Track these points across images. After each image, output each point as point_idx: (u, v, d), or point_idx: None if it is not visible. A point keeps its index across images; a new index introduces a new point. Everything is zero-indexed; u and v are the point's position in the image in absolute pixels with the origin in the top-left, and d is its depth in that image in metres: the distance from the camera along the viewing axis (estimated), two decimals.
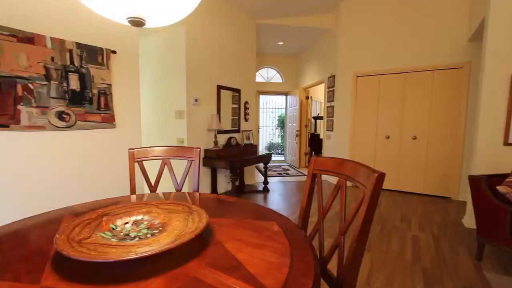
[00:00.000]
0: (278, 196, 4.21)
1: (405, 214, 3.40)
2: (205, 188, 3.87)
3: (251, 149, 4.38)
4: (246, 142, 4.45)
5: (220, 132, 4.00)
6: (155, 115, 3.85)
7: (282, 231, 0.94)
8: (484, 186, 2.11)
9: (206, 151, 3.78)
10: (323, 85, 5.57)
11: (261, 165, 4.47)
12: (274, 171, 6.27)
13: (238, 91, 4.42)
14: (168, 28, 3.43)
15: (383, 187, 4.50)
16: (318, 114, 7.88)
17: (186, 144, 3.54)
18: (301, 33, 5.34)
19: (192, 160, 1.68)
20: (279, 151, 9.29)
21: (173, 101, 3.59)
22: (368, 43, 4.47)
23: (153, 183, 1.65)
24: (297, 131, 6.63)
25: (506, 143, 2.71)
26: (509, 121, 2.68)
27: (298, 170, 6.39)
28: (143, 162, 1.68)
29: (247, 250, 0.79)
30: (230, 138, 4.09)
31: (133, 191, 1.63)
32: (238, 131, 4.51)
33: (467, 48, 3.76)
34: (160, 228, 0.89)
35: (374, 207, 0.85)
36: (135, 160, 1.65)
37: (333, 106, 4.98)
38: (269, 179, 5.32)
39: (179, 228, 0.86)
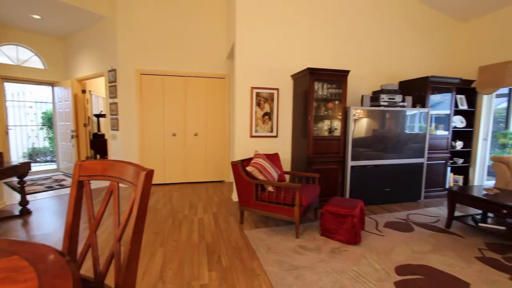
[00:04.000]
0: (47, 217, 3.26)
1: (192, 202, 3.84)
2: None
3: None
4: None
5: None
6: None
7: (29, 264, 0.72)
8: (239, 168, 2.84)
9: None
10: (103, 78, 4.94)
11: (15, 179, 3.22)
12: (42, 184, 4.78)
13: None
14: None
15: (174, 181, 4.85)
16: (101, 111, 6.93)
17: None
18: (67, 12, 4.37)
19: None
20: (49, 158, 7.20)
21: None
22: (151, 43, 4.51)
23: None
24: (72, 131, 5.44)
25: (251, 136, 3.81)
26: (251, 120, 3.78)
27: None
28: None
29: None
30: None
31: None
32: None
33: (227, 63, 4.85)
34: None
35: (146, 204, 0.87)
36: None
37: (117, 103, 4.57)
38: (33, 196, 3.98)
39: None
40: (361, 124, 3.58)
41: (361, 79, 4.19)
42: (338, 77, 3.53)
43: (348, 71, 3.50)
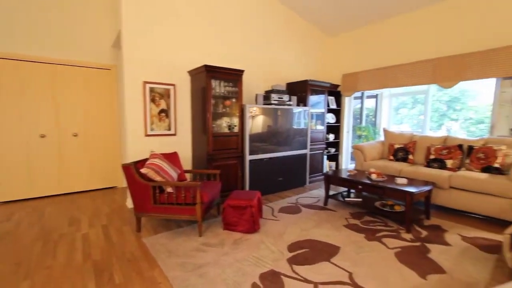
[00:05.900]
0: None
1: (74, 216, 3.20)
2: None
3: None
4: None
5: None
6: None
7: None
8: (133, 171, 2.56)
9: None
10: None
11: None
12: None
13: None
14: None
15: (46, 194, 3.91)
16: None
17: None
18: None
19: None
20: None
21: None
22: None
23: None
24: None
25: (146, 135, 3.49)
26: (145, 118, 3.47)
27: None
28: None
29: None
30: None
31: None
32: None
33: (112, 53, 4.24)
34: None
35: None
36: None
37: None
38: None
39: None
40: (257, 121, 3.87)
41: (256, 79, 4.51)
42: (234, 76, 3.68)
43: (242, 71, 3.69)
